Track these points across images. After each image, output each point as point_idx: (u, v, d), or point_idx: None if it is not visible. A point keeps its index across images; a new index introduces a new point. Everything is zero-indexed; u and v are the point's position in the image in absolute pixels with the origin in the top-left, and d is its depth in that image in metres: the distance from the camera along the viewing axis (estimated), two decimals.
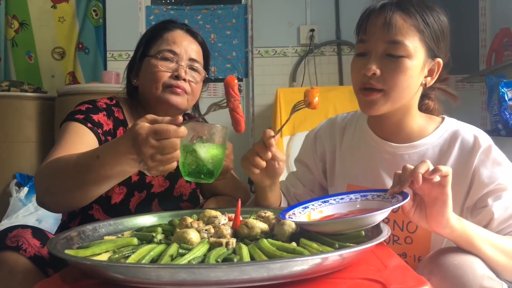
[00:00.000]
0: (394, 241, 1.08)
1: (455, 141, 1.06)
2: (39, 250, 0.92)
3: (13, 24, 3.75)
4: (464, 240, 0.90)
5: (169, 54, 1.26)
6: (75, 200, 1.00)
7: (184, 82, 1.24)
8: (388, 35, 0.99)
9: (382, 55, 1.01)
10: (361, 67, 1.03)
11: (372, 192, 0.92)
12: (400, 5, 1.02)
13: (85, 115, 1.18)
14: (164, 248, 0.75)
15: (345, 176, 1.17)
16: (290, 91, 3.30)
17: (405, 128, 1.09)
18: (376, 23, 1.01)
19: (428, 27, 1.01)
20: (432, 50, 1.03)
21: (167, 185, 1.31)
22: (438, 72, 1.07)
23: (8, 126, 3.10)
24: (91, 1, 3.77)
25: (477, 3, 3.58)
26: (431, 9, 1.04)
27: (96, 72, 3.72)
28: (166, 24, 1.33)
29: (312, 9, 3.66)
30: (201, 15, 3.78)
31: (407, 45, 0.99)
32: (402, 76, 1.00)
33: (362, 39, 1.04)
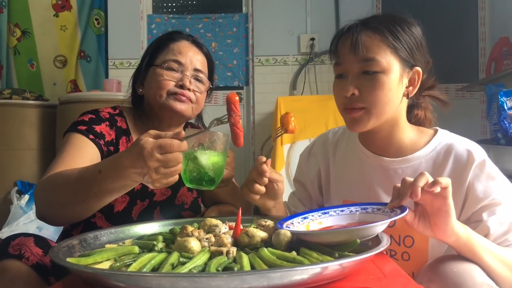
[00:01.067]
0: (391, 255, 1.08)
1: (449, 155, 1.05)
2: (41, 259, 0.92)
3: (15, 32, 3.77)
4: (468, 249, 0.90)
5: (174, 64, 1.27)
6: (76, 213, 1.01)
7: (188, 91, 1.26)
8: (358, 55, 1.01)
9: (358, 74, 1.02)
10: (341, 89, 1.04)
11: (373, 205, 0.92)
12: (366, 24, 1.03)
13: (87, 126, 1.19)
14: (165, 256, 0.76)
15: (340, 191, 1.17)
16: (290, 99, 3.31)
17: (395, 141, 1.09)
18: (345, 45, 1.03)
19: (398, 41, 1.01)
20: (407, 61, 1.03)
21: (169, 194, 1.31)
22: (419, 80, 1.06)
23: (9, 134, 3.11)
24: (93, 10, 3.79)
25: (477, 12, 3.61)
26: (401, 22, 1.04)
27: (98, 80, 3.73)
28: (172, 35, 1.35)
29: (313, 18, 3.68)
30: (202, 24, 3.80)
31: (380, 61, 1.00)
32: (380, 91, 1.00)
33: (337, 62, 1.06)
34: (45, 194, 1.02)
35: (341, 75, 1.06)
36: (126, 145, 1.26)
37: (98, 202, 0.97)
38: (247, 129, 3.77)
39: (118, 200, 1.23)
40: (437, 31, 3.48)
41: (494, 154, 2.19)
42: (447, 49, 3.53)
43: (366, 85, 1.01)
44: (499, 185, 1.01)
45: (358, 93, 1.01)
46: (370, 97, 1.01)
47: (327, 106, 3.01)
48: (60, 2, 3.80)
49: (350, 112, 1.03)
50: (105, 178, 0.91)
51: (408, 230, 1.05)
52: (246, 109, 3.80)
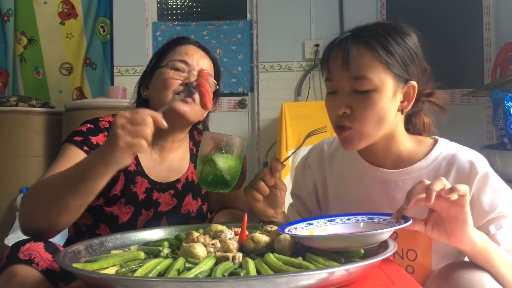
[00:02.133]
0: None
1: (451, 167, 1.02)
2: (51, 264, 0.92)
3: (22, 40, 3.80)
4: (483, 257, 0.88)
5: (181, 64, 1.26)
6: (58, 214, 0.98)
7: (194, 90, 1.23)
8: (348, 72, 0.96)
9: (350, 91, 0.98)
10: (333, 105, 1.01)
11: (380, 216, 0.91)
12: (357, 38, 0.97)
13: (83, 137, 1.17)
14: (171, 262, 0.76)
15: (339, 204, 1.14)
16: (295, 105, 3.32)
17: (393, 153, 1.06)
18: (336, 60, 0.98)
19: (391, 55, 0.96)
20: (401, 76, 0.98)
21: (174, 203, 1.30)
22: (414, 94, 1.01)
23: (16, 141, 3.13)
24: (99, 18, 3.82)
25: (481, 17, 3.60)
26: (393, 33, 0.98)
27: (103, 87, 3.76)
28: (179, 40, 1.34)
29: (317, 24, 3.70)
30: (207, 31, 3.82)
31: (372, 79, 0.95)
32: (371, 111, 0.96)
33: (328, 77, 1.02)
34: (28, 198, 1.03)
35: (332, 92, 1.02)
36: None
37: (83, 190, 0.95)
38: (252, 136, 3.77)
39: (123, 211, 1.22)
40: (442, 37, 3.48)
41: (500, 159, 2.17)
42: (452, 55, 3.53)
43: (358, 104, 0.97)
44: (504, 197, 0.98)
45: (349, 111, 0.98)
46: (361, 117, 0.97)
47: None
48: (66, 10, 3.84)
49: (340, 132, 1.01)
50: (88, 161, 0.96)
51: (410, 243, 1.03)
52: (251, 115, 3.80)
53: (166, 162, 1.31)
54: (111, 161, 0.92)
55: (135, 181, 1.24)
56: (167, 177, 1.30)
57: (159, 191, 1.27)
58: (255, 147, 3.72)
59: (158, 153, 1.30)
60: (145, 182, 1.26)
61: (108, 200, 1.22)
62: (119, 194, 1.22)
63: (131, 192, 1.23)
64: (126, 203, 1.23)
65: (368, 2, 3.66)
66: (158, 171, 1.29)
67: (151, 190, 1.26)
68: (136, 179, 1.24)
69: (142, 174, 1.25)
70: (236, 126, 3.79)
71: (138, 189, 1.24)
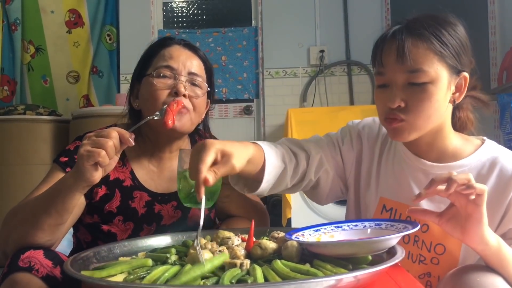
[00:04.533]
0: (420, 261, 1.05)
1: (494, 168, 1.02)
2: (51, 270, 0.93)
3: (29, 49, 3.84)
4: (496, 259, 0.88)
5: (166, 70, 1.18)
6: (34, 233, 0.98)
7: (184, 98, 1.16)
8: (404, 65, 0.96)
9: (404, 85, 0.97)
10: (385, 99, 1.00)
11: (387, 222, 0.91)
12: (411, 30, 0.97)
13: (69, 157, 1.14)
14: (179, 269, 0.76)
15: (378, 188, 1.13)
16: (300, 111, 3.32)
17: (438, 147, 1.05)
18: (390, 54, 0.98)
19: (445, 46, 0.96)
20: (455, 67, 0.98)
21: (179, 215, 1.25)
22: (466, 85, 1.02)
23: (23, 149, 3.14)
24: (105, 26, 3.86)
25: (487, 22, 3.60)
26: (444, 24, 0.99)
27: (110, 95, 3.78)
28: (163, 41, 1.26)
29: (322, 30, 3.71)
30: (212, 38, 3.85)
31: (428, 71, 0.95)
32: (427, 103, 0.96)
33: (380, 71, 1.01)
34: (8, 222, 1.03)
35: (384, 85, 1.01)
36: (118, 169, 1.19)
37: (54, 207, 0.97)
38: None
39: (121, 229, 1.19)
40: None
41: None
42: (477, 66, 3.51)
43: (414, 97, 0.97)
44: None
45: (404, 105, 0.97)
46: (416, 110, 0.97)
47: (338, 117, 3.01)
48: (73, 19, 3.88)
49: (390, 122, 1.00)
50: (62, 178, 0.99)
51: (441, 238, 1.02)
52: (256, 122, 3.81)
53: (166, 173, 1.25)
54: (77, 173, 0.93)
55: (133, 196, 1.20)
56: (168, 188, 1.23)
57: (160, 203, 1.22)
58: None
59: (156, 164, 1.25)
60: (145, 195, 1.21)
61: (103, 217, 1.18)
62: (115, 211, 1.18)
63: (130, 208, 1.19)
64: (125, 220, 1.19)
65: (373, 7, 3.67)
66: (158, 183, 1.23)
67: (152, 203, 1.21)
68: (134, 194, 1.20)
69: (140, 187, 1.21)
70: (242, 132, 3.79)
71: (137, 204, 1.19)
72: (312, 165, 1.09)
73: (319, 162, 1.10)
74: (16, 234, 1.00)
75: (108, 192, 1.18)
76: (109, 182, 1.17)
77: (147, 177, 1.23)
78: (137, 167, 1.23)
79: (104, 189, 1.17)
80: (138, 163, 1.23)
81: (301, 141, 1.14)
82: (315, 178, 1.10)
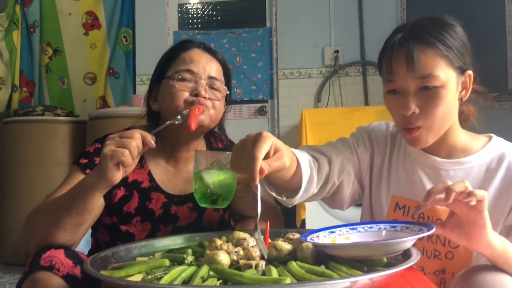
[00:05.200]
0: (435, 256, 1.06)
1: (502, 161, 1.05)
2: (71, 270, 0.95)
3: (47, 51, 3.91)
4: (504, 260, 0.89)
5: (187, 74, 1.20)
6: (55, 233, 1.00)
7: (204, 99, 1.19)
8: (415, 73, 0.98)
9: (416, 90, 1.00)
10: (398, 106, 1.02)
11: (402, 224, 0.92)
12: (416, 37, 0.99)
13: (88, 159, 1.17)
14: (195, 269, 0.77)
15: (390, 187, 1.15)
16: (315, 112, 3.31)
17: (448, 144, 1.08)
18: (400, 62, 1.00)
19: (450, 49, 0.99)
20: (460, 68, 1.02)
21: (195, 216, 1.27)
22: (471, 83, 1.05)
23: (41, 150, 3.20)
24: (122, 28, 3.90)
25: (504, 21, 3.55)
26: (445, 27, 1.01)
27: (126, 96, 3.83)
28: (183, 44, 1.28)
29: (336, 30, 3.69)
30: (226, 39, 3.86)
31: (438, 75, 0.98)
32: (441, 107, 0.99)
33: (390, 79, 1.02)
34: (30, 222, 1.05)
35: (394, 91, 1.03)
36: (136, 171, 1.21)
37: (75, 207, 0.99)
38: None
39: (139, 229, 1.21)
40: None
41: None
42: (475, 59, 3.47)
43: (427, 103, 0.99)
44: None
45: (418, 110, 0.99)
46: (431, 114, 0.99)
47: (353, 118, 3.00)
48: (90, 21, 3.93)
49: (410, 132, 1.02)
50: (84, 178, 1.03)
51: None
52: (271, 122, 3.82)
53: (182, 174, 1.27)
54: (99, 173, 0.96)
55: (150, 198, 1.22)
56: (184, 189, 1.25)
57: (176, 205, 1.24)
58: None
59: (174, 165, 1.27)
60: (162, 197, 1.23)
61: (122, 218, 1.20)
62: (133, 212, 1.20)
63: (147, 209, 1.21)
64: (142, 221, 1.21)
65: (388, 7, 3.65)
66: (175, 184, 1.26)
67: (168, 204, 1.23)
68: (151, 195, 1.22)
69: (157, 189, 1.23)
70: None
71: (154, 205, 1.22)
72: (334, 168, 1.09)
73: (341, 164, 1.11)
74: (38, 233, 1.02)
75: (127, 193, 1.20)
76: (127, 184, 1.20)
77: (165, 177, 1.25)
78: (155, 168, 1.25)
79: (122, 190, 1.19)
80: (155, 164, 1.25)
81: (319, 147, 1.15)
82: (338, 180, 1.11)
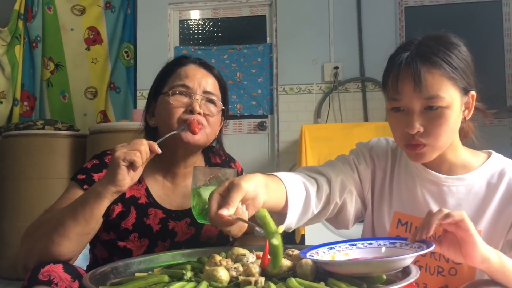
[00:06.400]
0: (439, 272, 1.06)
1: (503, 178, 1.06)
2: (70, 284, 0.95)
3: (49, 66, 3.94)
4: (501, 274, 0.91)
5: (182, 88, 1.21)
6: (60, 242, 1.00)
7: (199, 116, 1.19)
8: (421, 93, 0.99)
9: (421, 109, 1.01)
10: (402, 123, 1.02)
11: (401, 240, 0.92)
12: (423, 57, 1.00)
13: (86, 175, 1.17)
14: (194, 286, 0.77)
15: (392, 203, 1.15)
16: (315, 127, 3.32)
17: (449, 160, 1.09)
18: (406, 82, 1.00)
19: (456, 70, 1.00)
20: (464, 89, 1.02)
21: (193, 232, 1.26)
22: (474, 103, 1.06)
23: (41, 163, 3.20)
24: (123, 43, 3.94)
25: (502, 39, 3.59)
26: (450, 47, 1.02)
27: (127, 111, 3.85)
28: (179, 60, 1.29)
29: (336, 47, 3.73)
30: (227, 55, 3.90)
31: (443, 97, 0.98)
32: (445, 126, 1.00)
33: (395, 97, 1.03)
34: (30, 235, 1.05)
35: (398, 108, 1.04)
36: (134, 186, 1.21)
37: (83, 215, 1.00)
38: (272, 157, 3.78)
39: (137, 245, 1.21)
40: None
41: None
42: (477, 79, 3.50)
43: (431, 122, 1.00)
44: None
45: (422, 130, 1.00)
46: (435, 133, 1.00)
47: (352, 134, 3.01)
48: (92, 36, 3.97)
49: (413, 149, 1.03)
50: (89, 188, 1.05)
51: None
52: (270, 137, 3.82)
53: (180, 189, 1.27)
54: (109, 177, 0.98)
55: (148, 213, 1.22)
56: (182, 205, 1.25)
57: (174, 220, 1.23)
58: (275, 169, 3.72)
59: (171, 180, 1.27)
60: (159, 213, 1.23)
61: (120, 234, 1.20)
62: (131, 228, 1.20)
63: (145, 225, 1.21)
64: (140, 237, 1.21)
65: (387, 24, 3.69)
66: (172, 199, 1.26)
67: (166, 220, 1.23)
68: (149, 211, 1.22)
69: (154, 205, 1.23)
70: (256, 148, 3.81)
71: (152, 221, 1.22)
72: (335, 187, 1.10)
73: (341, 183, 1.11)
74: (40, 245, 1.01)
75: (124, 209, 1.20)
76: (125, 199, 1.20)
77: (162, 193, 1.25)
78: (152, 184, 1.25)
79: (120, 206, 1.19)
80: (153, 180, 1.25)
81: (317, 167, 1.15)
82: (340, 200, 1.11)
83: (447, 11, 3.70)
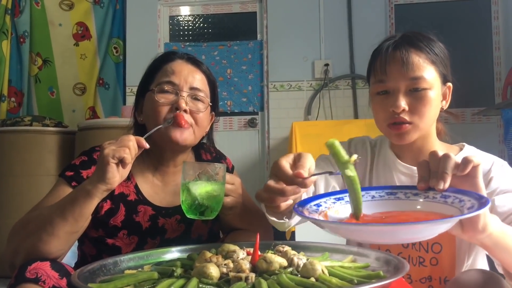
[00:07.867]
0: (420, 263, 1.09)
1: None
2: (57, 282, 0.94)
3: (36, 61, 3.89)
4: (503, 243, 0.83)
5: (168, 85, 1.20)
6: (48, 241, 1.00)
7: (185, 114, 1.18)
8: (408, 73, 1.05)
9: (406, 90, 1.07)
10: (387, 104, 1.07)
11: (401, 189, 0.86)
12: (411, 43, 1.08)
13: (74, 172, 1.16)
14: (184, 282, 0.77)
15: None
16: (305, 124, 3.33)
17: (424, 153, 1.11)
18: (394, 63, 1.07)
19: (437, 56, 1.09)
20: (444, 76, 1.11)
21: (183, 229, 1.26)
22: (450, 94, 1.13)
23: (29, 160, 3.16)
24: (112, 39, 3.90)
25: (491, 37, 3.62)
26: (431, 39, 1.11)
27: (116, 107, 3.81)
28: (166, 56, 1.28)
29: (327, 44, 3.73)
30: (217, 51, 3.88)
31: (427, 78, 1.06)
32: (428, 107, 1.06)
33: (381, 79, 1.09)
34: (17, 233, 1.05)
35: (384, 92, 1.09)
36: (123, 183, 1.19)
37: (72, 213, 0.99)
38: (262, 154, 3.78)
39: (125, 242, 1.20)
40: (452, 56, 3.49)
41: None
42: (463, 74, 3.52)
43: (416, 102, 1.06)
44: None
45: (407, 108, 1.06)
46: (419, 112, 1.06)
47: (342, 131, 3.02)
48: (80, 31, 3.93)
49: (398, 128, 1.07)
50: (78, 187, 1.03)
51: (436, 237, 1.02)
52: (261, 134, 3.82)
53: (170, 187, 1.26)
54: (98, 175, 0.98)
55: (137, 211, 1.21)
56: (172, 202, 1.25)
57: (164, 217, 1.23)
58: (265, 166, 3.72)
59: (161, 178, 1.26)
60: (149, 210, 1.22)
61: (108, 231, 1.19)
62: (120, 225, 1.19)
63: (134, 222, 1.20)
64: (129, 234, 1.20)
65: (377, 22, 3.70)
66: (162, 196, 1.25)
67: (156, 216, 1.22)
68: (138, 208, 1.21)
69: (144, 202, 1.22)
70: (246, 145, 3.81)
71: (141, 218, 1.21)
72: (319, 185, 1.13)
73: (325, 181, 1.15)
74: (28, 243, 1.00)
75: (113, 206, 1.19)
76: (114, 196, 1.19)
77: (152, 191, 1.24)
78: (142, 181, 1.24)
79: (109, 203, 1.18)
80: (142, 177, 1.24)
81: None
82: None
83: (437, 8, 3.72)
